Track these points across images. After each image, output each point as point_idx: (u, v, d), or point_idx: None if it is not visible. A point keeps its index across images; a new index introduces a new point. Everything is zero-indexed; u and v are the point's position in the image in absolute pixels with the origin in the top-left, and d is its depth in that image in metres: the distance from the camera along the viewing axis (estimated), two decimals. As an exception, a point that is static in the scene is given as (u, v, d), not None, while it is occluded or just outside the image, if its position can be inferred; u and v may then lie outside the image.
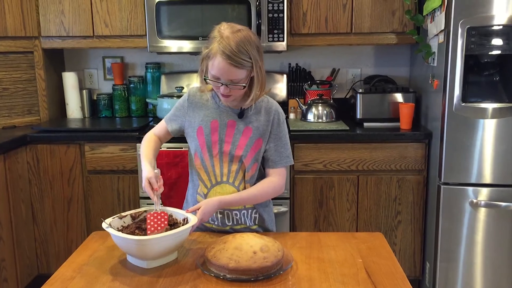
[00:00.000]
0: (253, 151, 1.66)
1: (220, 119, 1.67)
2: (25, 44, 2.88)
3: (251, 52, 1.53)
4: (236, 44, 1.50)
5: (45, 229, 2.76)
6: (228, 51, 1.49)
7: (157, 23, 2.73)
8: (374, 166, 2.61)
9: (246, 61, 1.52)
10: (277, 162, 1.69)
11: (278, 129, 1.69)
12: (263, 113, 1.68)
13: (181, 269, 1.41)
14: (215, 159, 1.67)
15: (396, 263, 1.44)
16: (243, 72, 1.55)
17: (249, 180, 1.69)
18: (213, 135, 1.66)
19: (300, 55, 3.16)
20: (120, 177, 2.69)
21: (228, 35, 1.52)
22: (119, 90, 3.12)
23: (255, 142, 1.66)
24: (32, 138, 2.67)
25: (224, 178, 1.68)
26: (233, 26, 1.56)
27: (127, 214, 1.54)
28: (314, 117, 2.85)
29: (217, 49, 1.51)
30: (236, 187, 1.68)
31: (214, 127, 1.67)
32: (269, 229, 1.78)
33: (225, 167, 1.67)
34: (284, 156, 1.70)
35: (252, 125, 1.66)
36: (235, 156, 1.66)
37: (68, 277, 1.37)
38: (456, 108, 2.35)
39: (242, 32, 1.54)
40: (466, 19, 2.26)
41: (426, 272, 2.66)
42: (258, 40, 1.58)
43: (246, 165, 1.66)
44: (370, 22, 2.77)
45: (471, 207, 2.41)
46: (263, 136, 1.67)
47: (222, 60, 1.51)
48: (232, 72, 1.53)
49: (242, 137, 1.66)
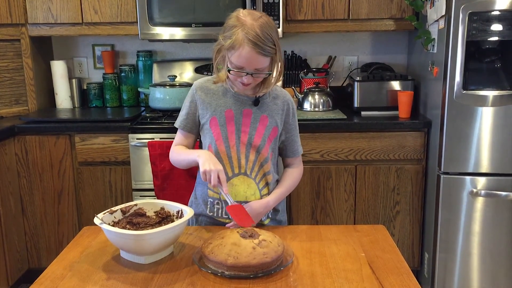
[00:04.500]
0: (270, 140, 1.64)
1: (235, 108, 1.62)
2: (12, 31, 2.78)
3: (274, 38, 1.50)
4: (262, 31, 1.46)
5: (35, 223, 2.70)
6: (256, 39, 1.45)
7: (149, 10, 2.64)
8: (372, 155, 2.56)
9: (271, 47, 1.49)
10: (296, 151, 1.72)
11: (294, 119, 1.70)
12: (278, 102, 1.66)
13: (177, 265, 1.35)
14: (232, 150, 1.61)
15: (400, 257, 1.39)
16: (268, 60, 1.52)
17: (269, 171, 1.65)
18: (229, 125, 1.61)
19: (295, 42, 3.09)
20: (112, 169, 2.63)
21: (251, 22, 1.47)
22: (110, 79, 3.04)
23: (272, 131, 1.64)
24: (20, 129, 2.59)
25: (242, 170, 1.62)
26: (252, 12, 1.52)
27: (117, 209, 1.48)
28: (311, 106, 2.79)
29: (243, 38, 1.45)
30: (254, 178, 1.63)
31: (229, 117, 1.61)
32: (282, 221, 1.76)
33: (243, 158, 1.62)
34: (299, 145, 1.74)
35: (268, 114, 1.63)
36: (253, 145, 1.61)
37: (58, 275, 1.31)
38: (456, 96, 2.30)
39: (263, 18, 1.50)
40: (468, 4, 2.20)
41: (425, 263, 2.63)
42: (275, 25, 1.56)
43: (264, 156, 1.63)
44: (368, 8, 2.70)
45: (471, 196, 2.38)
46: (278, 124, 1.65)
47: (250, 49, 1.46)
48: (259, 60, 1.49)
49: (259, 126, 1.62)
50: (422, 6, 2.56)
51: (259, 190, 1.64)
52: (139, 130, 2.54)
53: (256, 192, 1.64)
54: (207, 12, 2.65)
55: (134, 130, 2.54)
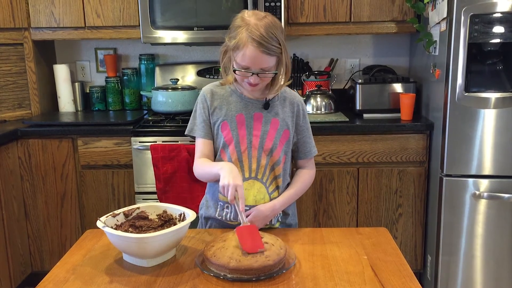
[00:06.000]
0: (282, 142, 1.63)
1: (246, 112, 1.61)
2: (15, 35, 2.80)
3: (280, 37, 1.50)
4: (266, 31, 1.46)
5: (38, 226, 2.70)
6: (260, 38, 1.45)
7: (151, 13, 2.65)
8: (375, 158, 2.56)
9: (276, 47, 1.49)
10: (308, 152, 1.70)
11: (304, 120, 1.69)
12: (288, 104, 1.65)
13: (179, 268, 1.35)
14: (244, 154, 1.60)
15: (402, 260, 1.38)
16: (274, 59, 1.52)
17: (280, 175, 1.64)
18: (240, 130, 1.60)
19: (297, 45, 3.09)
20: (115, 172, 2.63)
21: (255, 22, 1.48)
22: (113, 82, 3.05)
23: (283, 134, 1.63)
24: (23, 132, 2.60)
25: (252, 174, 1.61)
26: (257, 13, 1.52)
27: (120, 212, 1.48)
28: (313, 109, 2.80)
29: (247, 38, 1.46)
30: (264, 182, 1.62)
31: (240, 121, 1.61)
32: (292, 224, 1.75)
33: (254, 162, 1.61)
34: (312, 146, 1.72)
35: (279, 117, 1.62)
36: (264, 149, 1.60)
37: (61, 279, 1.31)
38: (458, 98, 2.30)
39: (268, 17, 1.50)
40: (469, 6, 2.20)
41: (428, 265, 2.62)
42: (281, 25, 1.56)
43: (276, 158, 1.62)
44: (370, 10, 2.71)
45: (474, 199, 2.37)
46: (290, 127, 1.64)
47: (254, 48, 1.46)
48: (264, 60, 1.49)
49: (270, 129, 1.61)
50: (424, 8, 2.56)
51: (268, 194, 1.63)
52: (141, 134, 2.55)
53: (266, 197, 1.63)
54: (209, 16, 2.66)
55: (137, 134, 2.55)
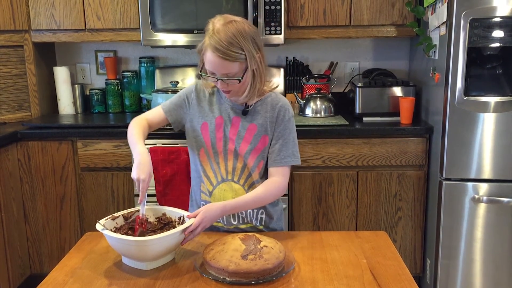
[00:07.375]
0: (258, 149, 1.61)
1: (225, 115, 1.62)
2: (15, 38, 2.80)
3: (244, 44, 1.47)
4: (226, 37, 1.45)
5: (37, 228, 2.70)
6: (218, 44, 1.45)
7: (151, 16, 2.65)
8: (374, 161, 2.56)
9: (237, 53, 1.47)
10: (279, 161, 1.61)
11: (284, 126, 1.62)
12: (269, 109, 1.62)
13: (178, 271, 1.35)
14: (220, 157, 1.62)
15: (402, 264, 1.39)
16: (237, 65, 1.49)
17: (258, 179, 1.63)
18: (218, 132, 1.61)
19: (297, 49, 3.10)
20: (114, 174, 2.63)
21: (219, 27, 1.48)
22: (112, 85, 3.05)
23: (260, 140, 1.61)
24: (23, 134, 2.60)
25: (229, 177, 1.62)
26: (226, 17, 1.51)
27: (119, 215, 1.48)
28: (312, 112, 2.80)
29: (208, 43, 1.48)
30: (242, 185, 1.62)
31: (219, 124, 1.62)
32: (277, 229, 1.72)
33: (230, 165, 1.62)
34: (286, 155, 1.60)
35: (257, 122, 1.61)
36: (239, 153, 1.60)
37: (60, 281, 1.31)
38: (458, 102, 2.30)
39: (234, 23, 1.48)
40: (469, 10, 2.20)
41: (427, 269, 2.62)
42: (254, 31, 1.52)
43: (251, 164, 1.61)
44: (369, 14, 2.71)
45: (473, 202, 2.37)
46: (268, 133, 1.61)
47: (212, 54, 1.47)
48: (224, 65, 1.48)
49: (246, 135, 1.60)
50: (424, 12, 2.56)
51: None
52: (141, 136, 2.55)
53: None
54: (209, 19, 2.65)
55: (136, 136, 2.55)
